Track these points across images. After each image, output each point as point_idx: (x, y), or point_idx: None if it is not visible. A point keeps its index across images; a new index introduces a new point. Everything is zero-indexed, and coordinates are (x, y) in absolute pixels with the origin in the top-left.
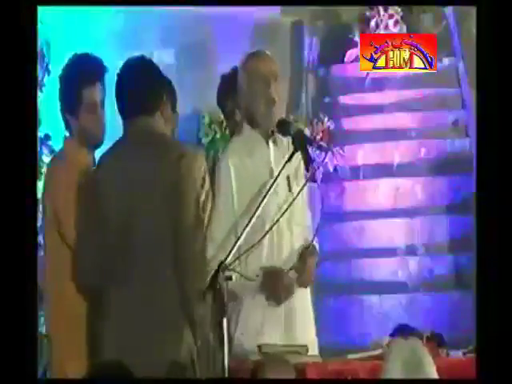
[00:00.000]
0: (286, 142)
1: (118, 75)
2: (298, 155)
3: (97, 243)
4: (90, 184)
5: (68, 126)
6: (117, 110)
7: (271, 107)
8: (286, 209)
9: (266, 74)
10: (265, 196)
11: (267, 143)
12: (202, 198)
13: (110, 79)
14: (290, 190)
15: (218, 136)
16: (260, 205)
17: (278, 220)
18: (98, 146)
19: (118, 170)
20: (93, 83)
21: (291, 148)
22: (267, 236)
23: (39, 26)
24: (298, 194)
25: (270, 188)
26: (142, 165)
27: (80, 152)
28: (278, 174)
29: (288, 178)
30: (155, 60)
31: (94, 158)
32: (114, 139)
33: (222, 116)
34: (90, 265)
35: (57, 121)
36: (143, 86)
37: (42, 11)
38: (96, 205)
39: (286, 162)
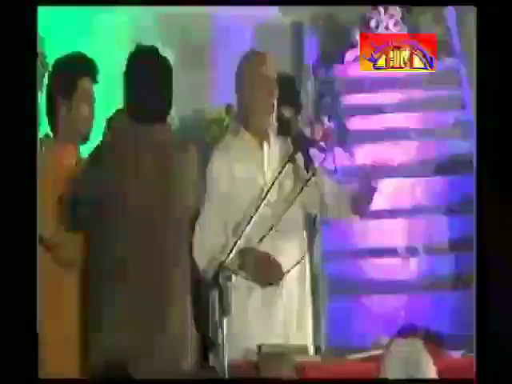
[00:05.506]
0: (279, 144)
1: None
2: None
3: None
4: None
5: (54, 121)
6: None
7: (268, 110)
8: (287, 208)
9: (264, 76)
10: (265, 196)
11: (261, 146)
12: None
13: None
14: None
15: (218, 135)
16: (260, 205)
17: (278, 219)
18: (85, 140)
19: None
20: (88, 75)
21: (285, 150)
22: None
23: (39, 26)
24: (299, 193)
25: (270, 188)
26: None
27: (64, 150)
28: (279, 174)
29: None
30: None
31: (79, 157)
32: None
33: (222, 115)
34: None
35: None
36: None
37: (43, 12)
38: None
39: (286, 163)
